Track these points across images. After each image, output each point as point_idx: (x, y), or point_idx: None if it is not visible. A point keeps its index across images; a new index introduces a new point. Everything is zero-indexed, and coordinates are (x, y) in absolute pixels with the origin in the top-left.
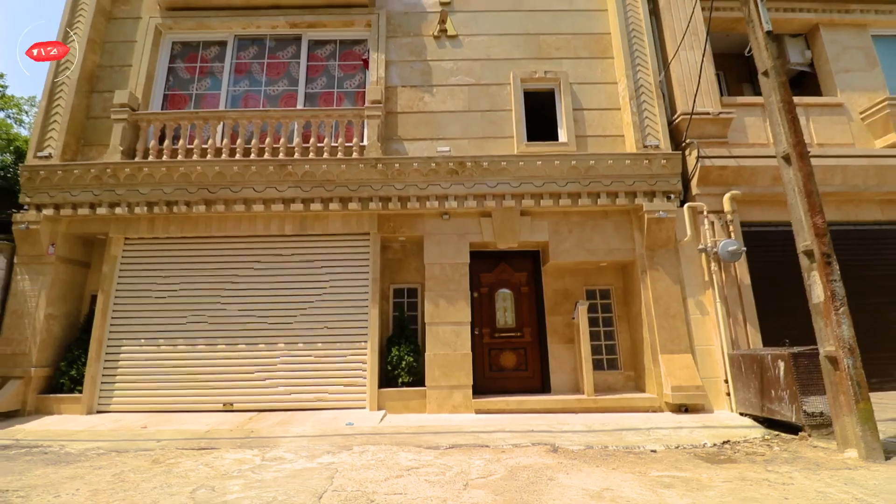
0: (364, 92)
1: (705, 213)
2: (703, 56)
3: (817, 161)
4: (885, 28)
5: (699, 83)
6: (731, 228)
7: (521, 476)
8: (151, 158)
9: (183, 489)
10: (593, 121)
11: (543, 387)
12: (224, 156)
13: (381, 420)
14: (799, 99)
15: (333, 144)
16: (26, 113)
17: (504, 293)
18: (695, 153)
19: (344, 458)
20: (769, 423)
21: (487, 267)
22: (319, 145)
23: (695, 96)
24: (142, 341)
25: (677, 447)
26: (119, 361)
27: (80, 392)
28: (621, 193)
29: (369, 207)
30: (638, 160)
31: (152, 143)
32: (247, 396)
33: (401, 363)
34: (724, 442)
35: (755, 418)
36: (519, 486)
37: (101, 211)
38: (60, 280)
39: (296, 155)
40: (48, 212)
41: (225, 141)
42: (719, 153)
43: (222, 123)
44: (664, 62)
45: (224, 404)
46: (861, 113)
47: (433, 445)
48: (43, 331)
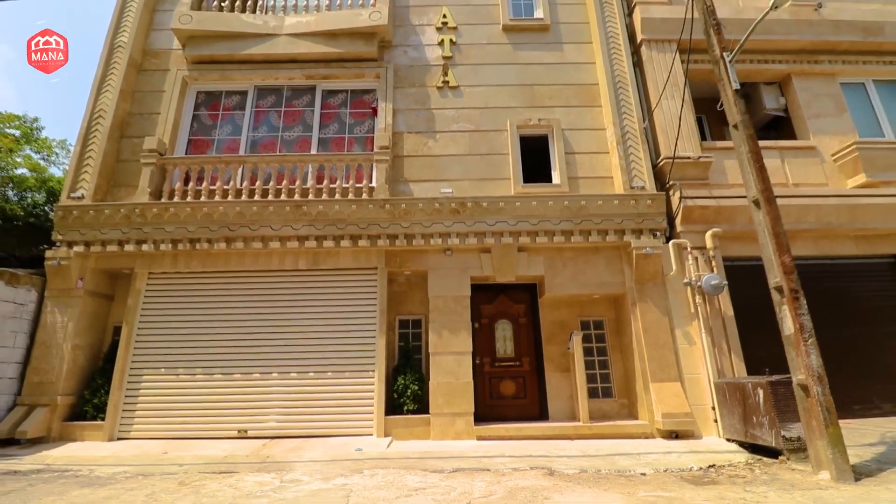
0: (373, 137)
1: (689, 250)
2: (683, 105)
3: (793, 201)
4: (852, 77)
5: (679, 129)
6: (714, 263)
7: (520, 496)
8: (177, 199)
9: None
10: (584, 163)
11: (541, 414)
12: (244, 197)
13: (388, 446)
14: (775, 143)
15: (345, 186)
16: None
17: (503, 324)
18: (678, 194)
19: (356, 480)
20: (754, 448)
21: (488, 299)
22: (332, 186)
23: (676, 142)
24: (162, 371)
25: (665, 470)
26: (140, 390)
27: (103, 419)
28: (611, 231)
29: (377, 244)
30: (626, 200)
31: (178, 185)
32: (260, 423)
33: (406, 391)
34: (710, 466)
35: (740, 443)
36: None
37: (129, 248)
38: (86, 312)
39: (310, 196)
40: (79, 248)
41: (245, 183)
42: (700, 194)
43: (242, 167)
44: (648, 110)
45: (238, 431)
46: (833, 155)
47: (438, 469)
48: (69, 360)
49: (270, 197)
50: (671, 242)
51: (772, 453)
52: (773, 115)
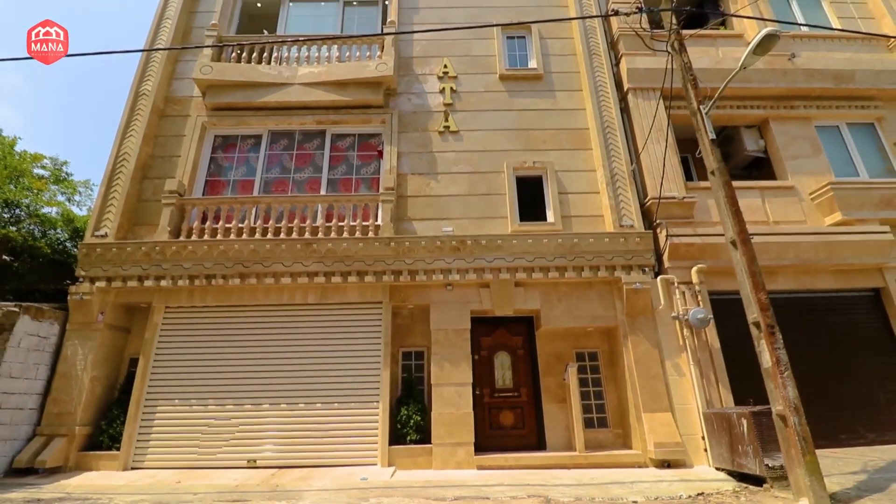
0: (378, 178)
1: (676, 284)
2: (666, 148)
3: (774, 238)
4: (827, 120)
5: (664, 171)
6: (700, 298)
7: None
8: (194, 237)
9: None
10: (576, 203)
11: (539, 443)
12: (258, 235)
13: (392, 475)
14: (755, 183)
15: (352, 224)
16: (80, 193)
17: (502, 356)
18: (664, 232)
19: None
20: (741, 477)
21: (487, 331)
22: (340, 225)
23: (661, 183)
24: (176, 401)
25: (656, 499)
26: (154, 420)
27: (118, 449)
28: (602, 267)
29: (383, 280)
30: (616, 238)
31: (196, 224)
32: (269, 453)
33: (409, 422)
34: (699, 494)
35: (729, 472)
36: None
37: (148, 283)
38: (105, 345)
39: (320, 234)
40: (101, 284)
41: (259, 221)
42: (686, 232)
43: (256, 206)
44: (635, 153)
45: (248, 461)
46: (810, 194)
47: (440, 497)
48: (87, 391)
49: (282, 235)
50: (659, 278)
51: (758, 481)
52: (755, 156)
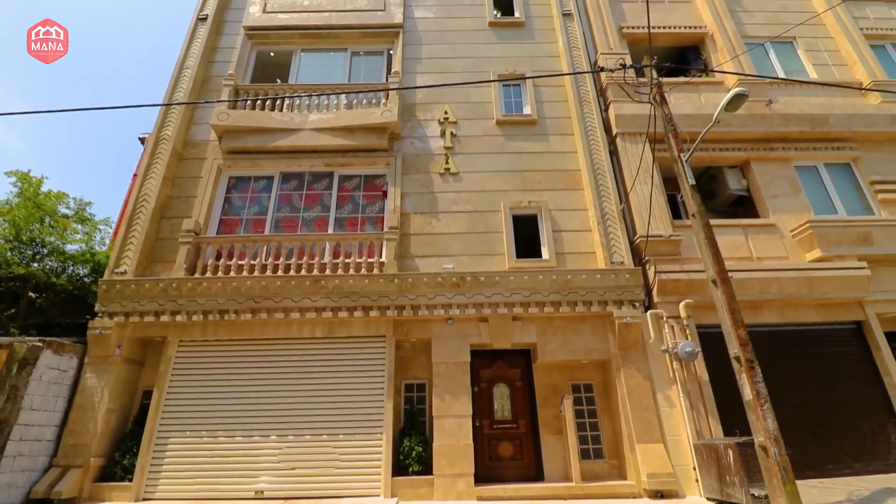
0: (383, 217)
1: (665, 319)
2: (652, 188)
3: (757, 274)
4: (805, 161)
5: (650, 210)
6: (688, 331)
7: None
8: (209, 274)
9: None
10: (570, 240)
11: (537, 474)
12: (269, 271)
13: None
14: (738, 221)
15: (358, 261)
16: (99, 231)
17: (501, 388)
18: (653, 269)
19: None
20: None
21: (486, 364)
22: (347, 261)
23: (648, 222)
24: (187, 433)
25: None
26: (166, 452)
27: (131, 480)
28: (595, 302)
29: (386, 314)
30: (607, 274)
31: (210, 261)
32: (276, 485)
33: (411, 453)
34: None
35: (719, 502)
36: None
37: (164, 318)
38: (120, 378)
39: (327, 270)
40: (119, 319)
41: (270, 259)
42: (673, 269)
43: (267, 245)
44: (624, 193)
45: (255, 492)
46: (791, 231)
47: None
48: (102, 423)
49: (292, 272)
50: (649, 312)
51: None
52: (739, 195)
